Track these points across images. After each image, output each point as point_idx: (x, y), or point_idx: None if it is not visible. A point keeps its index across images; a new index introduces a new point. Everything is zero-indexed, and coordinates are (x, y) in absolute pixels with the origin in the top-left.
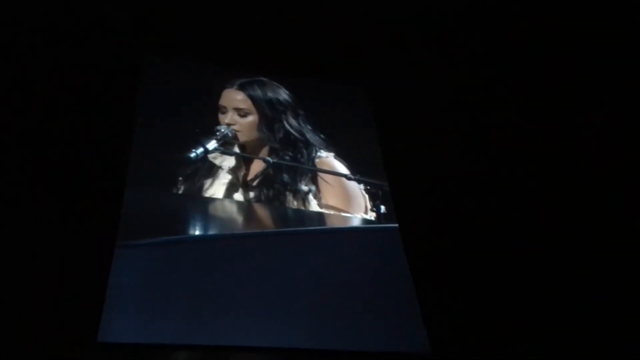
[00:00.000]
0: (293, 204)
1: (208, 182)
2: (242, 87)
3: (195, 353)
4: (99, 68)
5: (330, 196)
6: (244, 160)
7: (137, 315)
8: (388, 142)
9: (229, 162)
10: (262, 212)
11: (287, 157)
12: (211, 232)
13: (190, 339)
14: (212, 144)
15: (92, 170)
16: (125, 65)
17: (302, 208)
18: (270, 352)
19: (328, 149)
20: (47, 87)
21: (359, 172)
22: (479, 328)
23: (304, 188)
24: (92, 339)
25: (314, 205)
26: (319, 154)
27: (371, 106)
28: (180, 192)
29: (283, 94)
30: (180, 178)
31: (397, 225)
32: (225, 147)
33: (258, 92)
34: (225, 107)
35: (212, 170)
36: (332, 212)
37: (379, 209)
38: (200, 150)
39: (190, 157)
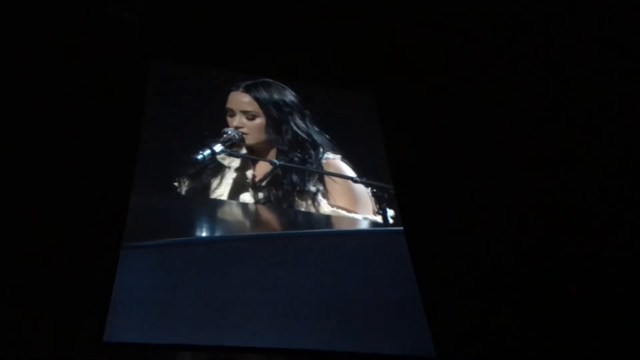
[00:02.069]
0: (301, 205)
1: (215, 183)
2: (247, 90)
3: (201, 353)
4: (106, 70)
5: (338, 197)
6: (252, 162)
7: (143, 316)
8: (394, 145)
9: (237, 163)
10: (269, 214)
11: (296, 159)
12: (218, 233)
13: (196, 339)
14: (219, 146)
15: (98, 172)
16: (132, 67)
17: (311, 209)
18: (276, 353)
19: (334, 150)
20: (55, 88)
21: (365, 174)
22: (483, 331)
23: (312, 189)
24: (98, 338)
25: (322, 206)
26: (326, 155)
27: (378, 109)
28: (188, 193)
29: (289, 95)
30: (188, 180)
31: (402, 228)
32: (232, 149)
33: (264, 94)
34: (232, 110)
35: (220, 172)
36: (339, 212)
37: (385, 211)
38: (208, 152)
39: (197, 159)
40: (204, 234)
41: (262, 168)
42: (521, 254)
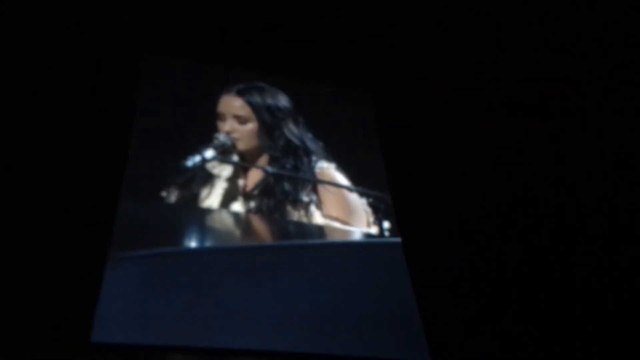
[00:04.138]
0: (294, 214)
1: (206, 192)
2: (240, 93)
3: (191, 356)
4: (94, 74)
5: (332, 207)
6: (243, 170)
7: (129, 330)
8: (392, 153)
9: (228, 171)
10: (260, 224)
11: (289, 166)
12: (208, 244)
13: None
14: (209, 153)
15: (86, 179)
16: (122, 70)
17: (304, 219)
18: (267, 355)
19: (329, 159)
20: (42, 90)
21: (361, 184)
22: (481, 343)
23: (305, 198)
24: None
25: (315, 216)
26: (319, 164)
27: (375, 115)
28: (178, 202)
29: (282, 100)
30: (177, 188)
31: (399, 239)
32: (223, 155)
33: (257, 99)
34: (223, 114)
35: (210, 180)
36: (333, 223)
37: (381, 223)
38: (198, 158)
39: (187, 166)
40: (194, 245)
41: (254, 176)
42: (522, 266)
